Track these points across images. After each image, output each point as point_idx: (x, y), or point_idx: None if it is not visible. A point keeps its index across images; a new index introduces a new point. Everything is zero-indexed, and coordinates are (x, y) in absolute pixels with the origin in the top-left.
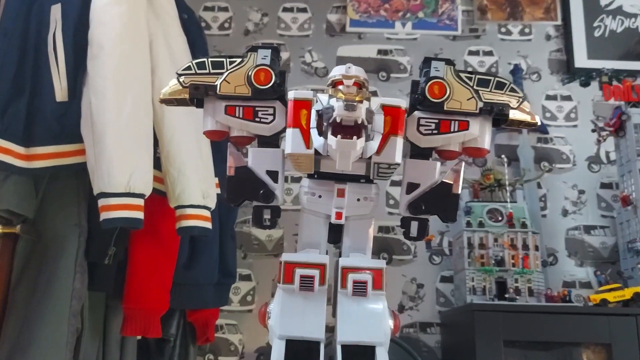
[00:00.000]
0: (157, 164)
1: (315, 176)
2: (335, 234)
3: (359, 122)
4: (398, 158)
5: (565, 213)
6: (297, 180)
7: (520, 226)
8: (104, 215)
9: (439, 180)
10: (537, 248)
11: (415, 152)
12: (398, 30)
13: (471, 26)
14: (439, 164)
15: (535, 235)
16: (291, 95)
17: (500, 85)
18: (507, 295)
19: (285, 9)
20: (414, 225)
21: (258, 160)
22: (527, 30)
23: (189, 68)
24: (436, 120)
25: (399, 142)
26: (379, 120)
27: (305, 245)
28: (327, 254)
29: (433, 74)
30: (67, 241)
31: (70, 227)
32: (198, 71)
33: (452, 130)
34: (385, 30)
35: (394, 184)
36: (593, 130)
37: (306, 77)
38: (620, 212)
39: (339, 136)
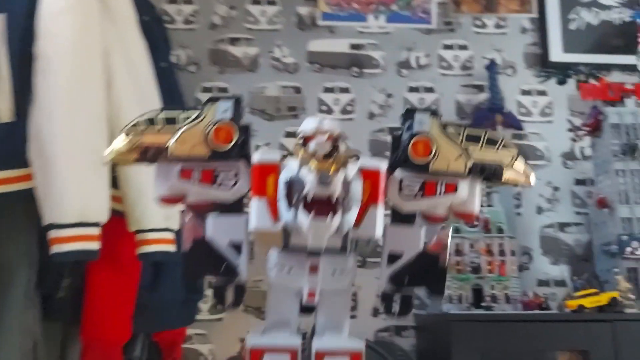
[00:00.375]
0: (115, 182)
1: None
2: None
3: (334, 198)
4: (378, 232)
5: (539, 210)
6: None
7: (496, 231)
8: (55, 249)
9: (422, 248)
10: (513, 253)
11: (397, 218)
12: (371, 23)
13: (445, 19)
14: (423, 230)
15: (512, 239)
16: (255, 158)
17: (492, 141)
18: (483, 304)
19: (253, 2)
20: (397, 301)
21: (219, 230)
22: (502, 23)
23: (136, 125)
24: (420, 182)
25: (379, 213)
26: (357, 187)
27: (274, 324)
28: (298, 330)
29: (417, 128)
30: (17, 272)
31: (19, 257)
32: (147, 129)
33: (438, 193)
34: (357, 24)
35: None
36: (570, 130)
37: (276, 73)
38: (595, 212)
39: (311, 214)
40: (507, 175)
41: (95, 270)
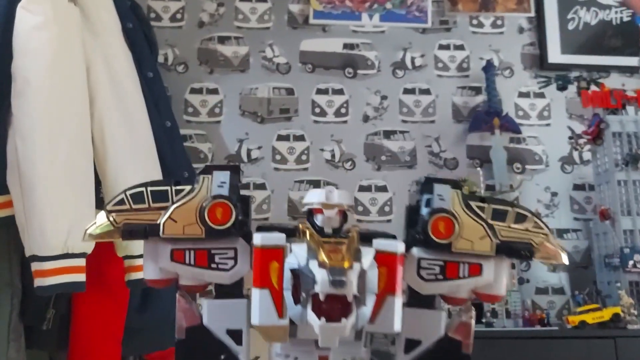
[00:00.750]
0: (101, 204)
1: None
2: None
3: (350, 298)
4: (397, 325)
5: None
6: (260, 187)
7: None
8: (38, 282)
9: (443, 334)
10: (513, 266)
11: (415, 300)
12: (365, 22)
13: (441, 18)
14: (444, 314)
15: None
16: (257, 241)
17: (520, 218)
18: (483, 320)
19: None
20: None
21: (216, 316)
22: (499, 22)
23: (121, 202)
24: (441, 263)
25: (397, 304)
26: (373, 275)
27: None
28: None
29: (437, 203)
30: None
31: (2, 286)
32: (134, 206)
33: (461, 275)
34: (351, 23)
35: (362, 189)
36: (570, 138)
37: (267, 74)
38: (597, 223)
39: (323, 319)
40: (538, 256)
41: (81, 298)
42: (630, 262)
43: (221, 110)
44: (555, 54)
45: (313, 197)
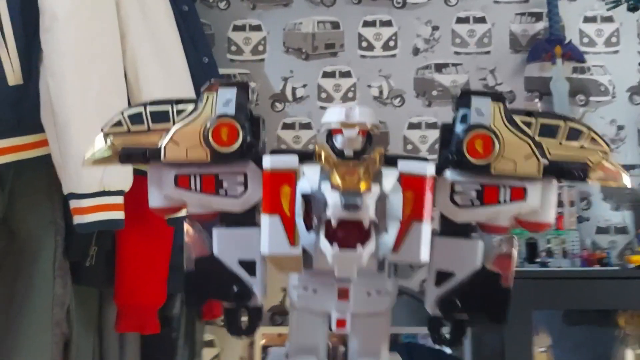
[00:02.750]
0: None
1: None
2: None
3: (366, 224)
4: (425, 255)
5: None
6: (305, 127)
7: None
8: (77, 219)
9: (480, 266)
10: (572, 204)
11: (448, 228)
12: None
13: None
14: (481, 243)
15: (570, 189)
16: (266, 163)
17: (574, 134)
18: (538, 260)
19: None
20: (447, 328)
21: (227, 246)
22: None
23: (118, 123)
24: (478, 187)
25: (425, 231)
26: (396, 200)
27: (298, 351)
28: (328, 356)
29: (474, 119)
30: (43, 242)
31: (44, 226)
32: (132, 127)
33: (501, 200)
34: None
35: (411, 126)
36: None
37: (311, 8)
38: None
39: (335, 245)
40: (594, 177)
41: (124, 236)
42: None
43: (264, 47)
44: None
45: (331, 116)
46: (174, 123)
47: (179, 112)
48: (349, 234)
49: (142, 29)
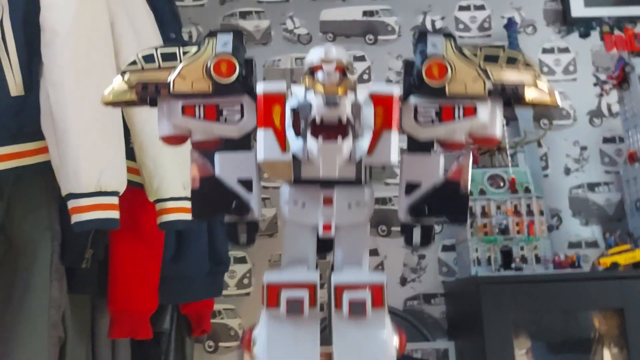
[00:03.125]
0: (132, 154)
1: (296, 181)
2: (326, 243)
3: (344, 119)
4: (394, 157)
5: (567, 171)
6: None
7: (523, 191)
8: (74, 218)
9: (442, 177)
10: (542, 213)
11: (414, 146)
12: None
13: None
14: (442, 157)
15: (539, 199)
16: (260, 88)
17: (512, 60)
18: (513, 265)
19: None
20: (417, 232)
21: (227, 167)
22: None
23: (134, 63)
24: (437, 107)
25: (393, 138)
26: (368, 112)
27: (291, 261)
28: (317, 268)
29: (430, 51)
30: (40, 247)
31: (41, 231)
32: (145, 66)
33: (456, 117)
34: None
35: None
36: (595, 84)
37: (289, 46)
38: (627, 169)
39: (320, 138)
40: (530, 95)
41: (118, 242)
42: None
43: None
44: (578, 8)
45: (313, 55)
46: (180, 62)
47: (185, 53)
48: (330, 131)
49: (134, 48)
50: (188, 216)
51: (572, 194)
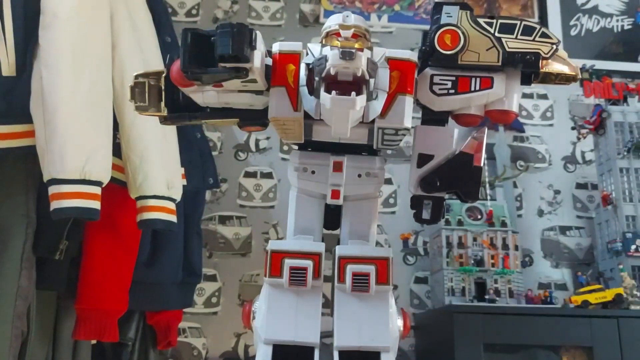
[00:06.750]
0: (117, 150)
1: (307, 147)
2: (333, 217)
3: (359, 74)
4: (407, 121)
5: (540, 213)
6: (267, 176)
7: (500, 225)
8: (54, 205)
9: (456, 150)
10: (516, 248)
11: (428, 117)
12: (374, 22)
13: None
14: (456, 130)
15: (515, 234)
16: (276, 47)
17: (528, 30)
18: (486, 297)
19: None
20: (427, 206)
21: None
22: None
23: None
24: (453, 78)
25: (408, 102)
26: (384, 75)
27: (297, 231)
28: (323, 241)
29: (444, 20)
30: (13, 233)
31: (16, 217)
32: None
33: (472, 89)
34: None
35: None
36: (573, 128)
37: None
38: (600, 212)
39: (333, 92)
40: (549, 66)
41: (93, 237)
42: (633, 247)
43: None
44: None
45: (331, 21)
46: None
47: None
48: (345, 87)
49: (132, 43)
50: (169, 217)
51: (544, 235)
